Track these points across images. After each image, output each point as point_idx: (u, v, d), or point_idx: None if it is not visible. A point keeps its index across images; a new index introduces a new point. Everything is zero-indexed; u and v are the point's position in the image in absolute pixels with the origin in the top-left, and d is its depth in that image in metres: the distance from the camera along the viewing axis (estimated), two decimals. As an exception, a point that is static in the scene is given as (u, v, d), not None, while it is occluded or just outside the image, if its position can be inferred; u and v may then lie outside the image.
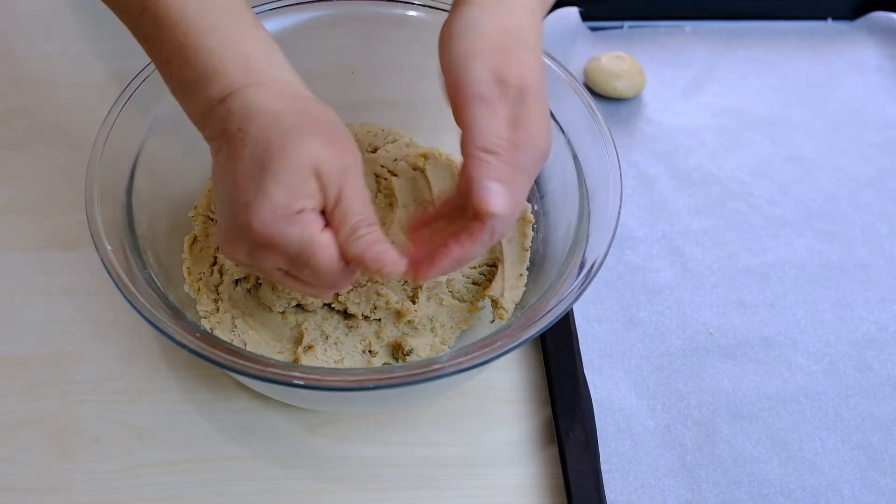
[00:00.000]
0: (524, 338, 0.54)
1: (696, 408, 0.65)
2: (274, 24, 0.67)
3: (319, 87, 0.56)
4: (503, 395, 0.66)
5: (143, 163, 0.63)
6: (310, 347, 0.61)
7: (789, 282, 0.73)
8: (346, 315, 0.64)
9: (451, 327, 0.64)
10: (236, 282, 0.64)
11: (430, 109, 0.67)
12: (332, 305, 0.63)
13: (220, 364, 0.53)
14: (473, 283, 0.65)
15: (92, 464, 0.62)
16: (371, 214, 0.52)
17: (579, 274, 0.57)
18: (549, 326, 0.55)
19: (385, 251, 0.52)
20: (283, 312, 0.63)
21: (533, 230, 0.66)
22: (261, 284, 0.64)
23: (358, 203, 0.51)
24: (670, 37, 0.90)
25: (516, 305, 0.63)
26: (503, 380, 0.67)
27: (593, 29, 0.90)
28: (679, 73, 0.88)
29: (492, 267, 0.65)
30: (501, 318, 0.62)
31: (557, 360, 0.65)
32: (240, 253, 0.53)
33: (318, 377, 0.53)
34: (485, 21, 0.54)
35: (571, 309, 0.64)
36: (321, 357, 0.61)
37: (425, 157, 0.69)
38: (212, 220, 0.66)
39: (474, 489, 0.62)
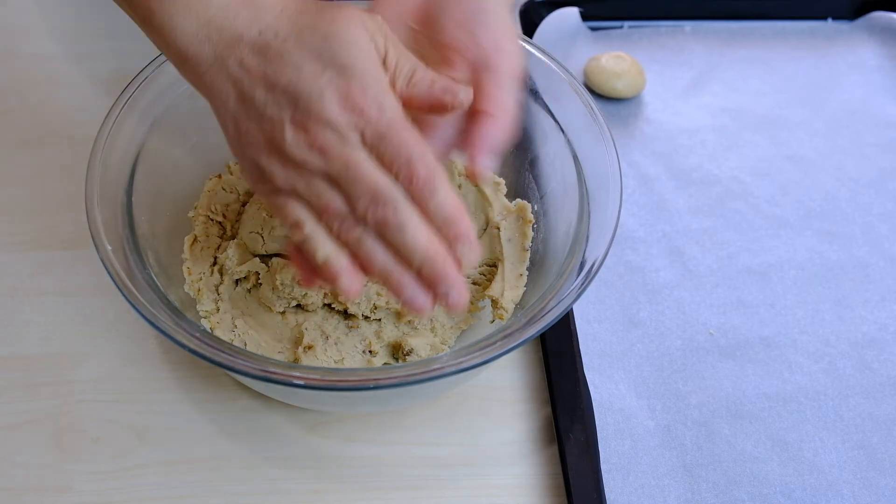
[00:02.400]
0: (524, 338, 0.54)
1: (696, 408, 0.65)
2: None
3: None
4: (503, 395, 0.66)
5: (143, 163, 0.63)
6: (310, 347, 0.62)
7: (789, 282, 0.73)
8: (346, 315, 0.64)
9: (451, 327, 0.64)
10: (236, 282, 0.64)
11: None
12: (332, 305, 0.63)
13: (220, 364, 0.53)
14: (473, 283, 0.65)
15: (92, 464, 0.62)
16: (418, 61, 0.50)
17: (579, 274, 0.57)
18: (549, 326, 0.55)
19: (449, 84, 0.50)
20: (283, 312, 0.64)
21: (533, 230, 0.66)
22: (261, 284, 0.64)
23: (403, 51, 0.50)
24: (670, 37, 0.90)
25: (516, 305, 0.63)
26: (503, 380, 0.67)
27: (593, 29, 0.90)
28: (679, 73, 0.88)
29: (492, 267, 0.65)
30: (501, 318, 0.62)
31: (557, 360, 0.65)
32: (286, 168, 0.49)
33: (318, 377, 0.53)
34: None
35: (571, 309, 0.64)
36: (321, 357, 0.61)
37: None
38: (212, 220, 0.66)
39: (474, 489, 0.62)
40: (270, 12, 0.49)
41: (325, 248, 0.50)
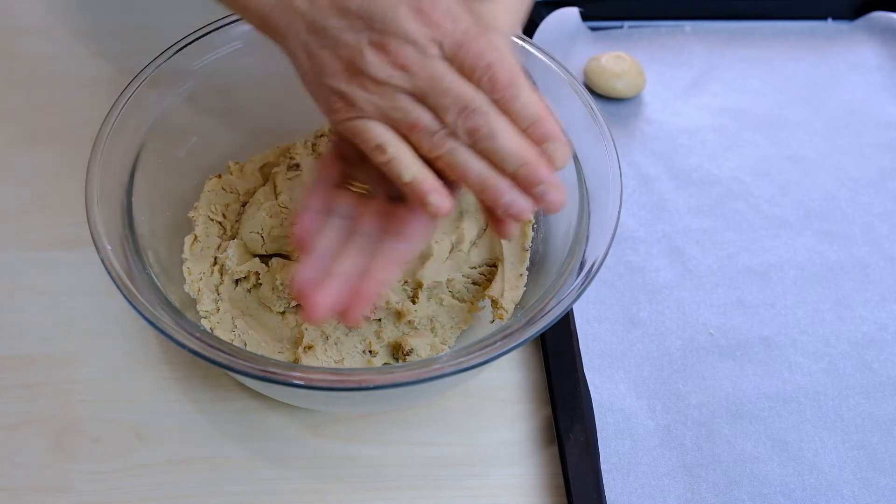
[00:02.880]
0: (524, 338, 0.54)
1: (696, 408, 0.65)
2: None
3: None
4: (503, 395, 0.66)
5: (143, 163, 0.63)
6: (310, 347, 0.62)
7: (789, 282, 0.73)
8: (346, 315, 0.64)
9: (451, 327, 0.64)
10: (236, 282, 0.64)
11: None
12: (332, 305, 0.63)
13: (220, 364, 0.53)
14: (473, 283, 0.65)
15: (92, 464, 0.62)
16: None
17: (579, 274, 0.57)
18: (549, 326, 0.55)
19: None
20: (283, 312, 0.64)
21: (533, 230, 0.66)
22: (261, 284, 0.64)
23: None
24: (670, 37, 0.90)
25: (516, 305, 0.63)
26: (503, 380, 0.67)
27: (593, 29, 0.90)
28: (679, 73, 0.88)
29: (492, 267, 0.65)
30: (501, 318, 0.62)
31: (557, 360, 0.65)
32: (368, 90, 0.49)
33: (318, 377, 0.53)
34: None
35: (571, 309, 0.64)
36: (321, 357, 0.61)
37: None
38: (212, 220, 0.66)
39: (474, 489, 0.62)
40: None
41: (412, 168, 0.50)
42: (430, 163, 0.50)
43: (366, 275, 0.52)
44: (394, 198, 0.54)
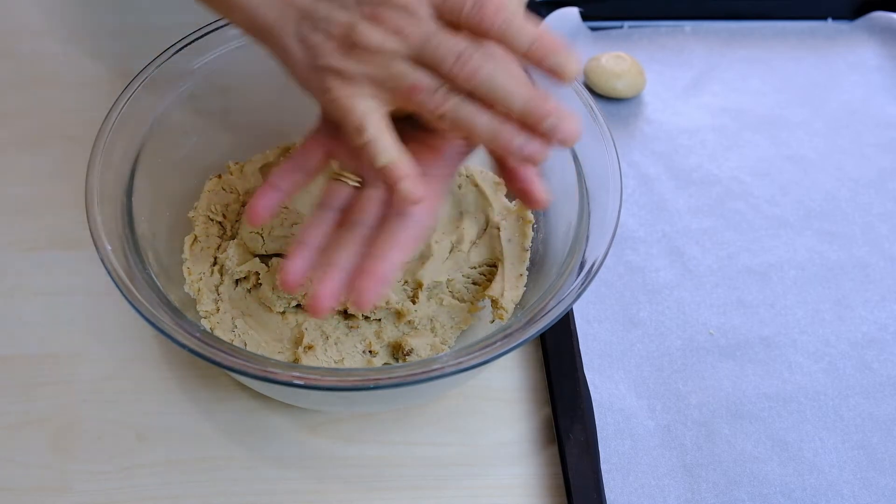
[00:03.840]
0: (524, 338, 0.54)
1: (696, 408, 0.65)
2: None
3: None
4: (503, 395, 0.66)
5: (143, 163, 0.63)
6: (310, 347, 0.62)
7: (789, 282, 0.73)
8: (346, 315, 0.64)
9: (451, 327, 0.64)
10: (236, 282, 0.65)
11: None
12: (332, 305, 0.63)
13: (220, 364, 0.53)
14: (473, 283, 0.65)
15: (92, 464, 0.62)
16: None
17: (579, 274, 0.57)
18: (549, 326, 0.55)
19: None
20: (283, 312, 0.64)
21: (533, 230, 0.66)
22: (261, 285, 0.64)
23: None
24: (670, 37, 0.90)
25: (516, 305, 0.63)
26: (503, 380, 0.67)
27: (593, 29, 0.90)
28: (679, 73, 0.88)
29: (492, 267, 0.65)
30: (501, 318, 0.62)
31: (557, 360, 0.65)
32: (364, 62, 0.50)
33: (318, 377, 0.53)
34: None
35: (571, 309, 0.64)
36: (321, 357, 0.61)
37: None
38: (212, 220, 0.66)
39: (474, 489, 0.62)
40: None
41: (388, 152, 0.50)
42: (435, 125, 0.50)
43: (373, 256, 0.52)
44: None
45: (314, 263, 0.53)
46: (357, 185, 0.54)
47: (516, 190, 0.57)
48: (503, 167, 0.56)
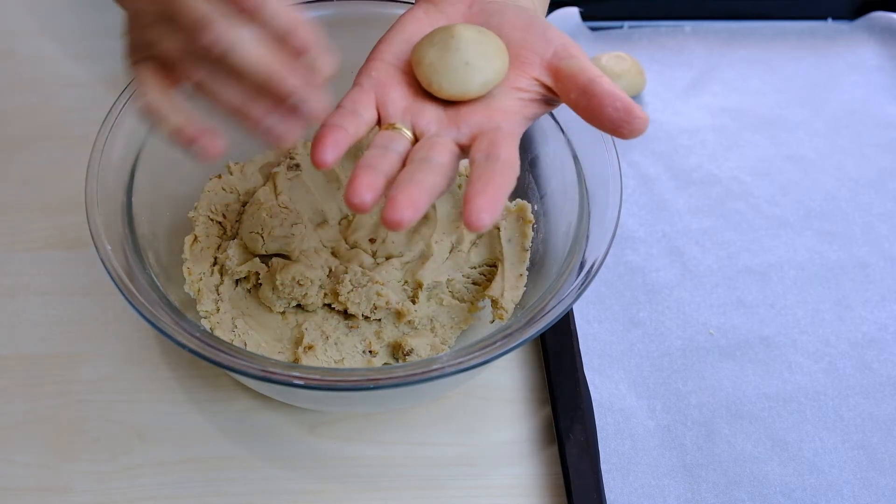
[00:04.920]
0: (524, 338, 0.54)
1: (696, 408, 0.65)
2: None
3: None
4: (503, 395, 0.66)
5: (143, 163, 0.63)
6: (310, 347, 0.62)
7: (789, 282, 0.73)
8: (346, 315, 0.64)
9: (452, 327, 0.64)
10: (236, 282, 0.65)
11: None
12: (333, 305, 0.63)
13: (220, 364, 0.53)
14: (473, 283, 0.65)
15: (92, 464, 0.62)
16: None
17: (579, 274, 0.57)
18: (549, 326, 0.55)
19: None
20: (283, 313, 0.64)
21: (533, 230, 0.66)
22: (261, 285, 0.64)
23: None
24: (670, 37, 0.90)
25: (516, 305, 0.63)
26: (503, 380, 0.67)
27: (593, 29, 0.90)
28: (679, 73, 0.88)
29: (492, 267, 0.65)
30: (501, 318, 0.62)
31: (557, 360, 0.65)
32: (142, 31, 0.47)
33: (318, 377, 0.53)
34: None
35: (571, 309, 0.64)
36: (321, 357, 0.61)
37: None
38: (212, 220, 0.66)
39: (474, 489, 0.62)
40: None
41: (172, 118, 0.47)
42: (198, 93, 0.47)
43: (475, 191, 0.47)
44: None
45: (383, 187, 0.48)
46: (411, 138, 0.52)
47: (606, 119, 0.51)
48: (583, 106, 0.52)
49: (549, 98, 0.54)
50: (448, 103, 0.53)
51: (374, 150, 0.50)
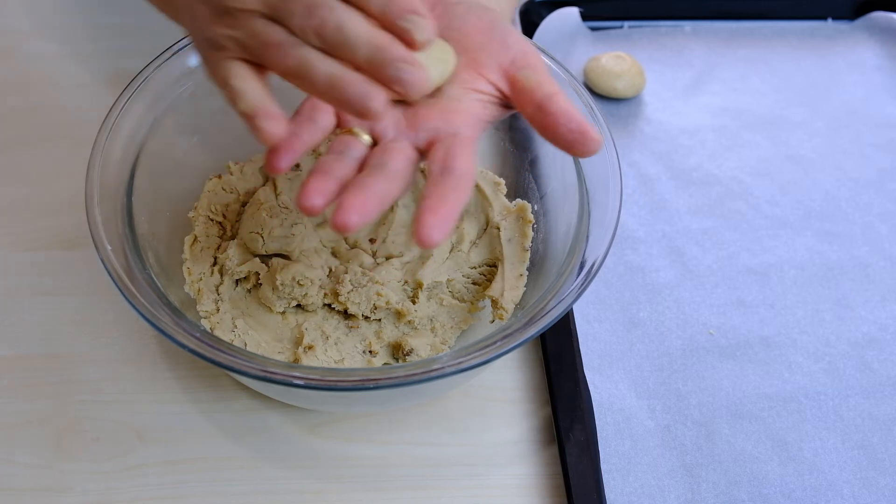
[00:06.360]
0: (524, 338, 0.54)
1: (696, 408, 0.65)
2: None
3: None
4: (503, 395, 0.66)
5: (143, 163, 0.63)
6: (310, 347, 0.62)
7: (789, 282, 0.73)
8: (346, 315, 0.64)
9: (451, 327, 0.64)
10: (236, 282, 0.65)
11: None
12: (333, 305, 0.63)
13: (220, 364, 0.53)
14: (473, 283, 0.65)
15: (92, 464, 0.62)
16: None
17: (579, 274, 0.57)
18: (549, 326, 0.55)
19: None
20: (283, 313, 0.64)
21: (533, 230, 0.66)
22: (261, 285, 0.64)
23: None
24: (670, 37, 0.90)
25: (516, 305, 0.63)
26: (503, 380, 0.67)
27: (593, 29, 0.90)
28: (679, 73, 0.88)
29: (492, 267, 0.65)
30: (501, 318, 0.62)
31: (557, 360, 0.65)
32: (232, 27, 0.48)
33: (318, 377, 0.53)
34: None
35: (571, 309, 0.64)
36: (321, 357, 0.61)
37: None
38: (212, 220, 0.66)
39: (474, 489, 0.62)
40: None
41: (247, 98, 0.48)
42: (292, 83, 0.49)
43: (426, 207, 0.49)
44: None
45: (335, 192, 0.50)
46: (369, 142, 0.52)
47: (560, 138, 0.52)
48: (538, 123, 0.53)
49: (508, 103, 0.55)
50: (405, 103, 0.53)
51: (330, 156, 0.51)
